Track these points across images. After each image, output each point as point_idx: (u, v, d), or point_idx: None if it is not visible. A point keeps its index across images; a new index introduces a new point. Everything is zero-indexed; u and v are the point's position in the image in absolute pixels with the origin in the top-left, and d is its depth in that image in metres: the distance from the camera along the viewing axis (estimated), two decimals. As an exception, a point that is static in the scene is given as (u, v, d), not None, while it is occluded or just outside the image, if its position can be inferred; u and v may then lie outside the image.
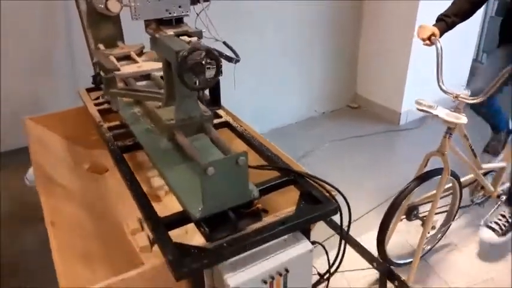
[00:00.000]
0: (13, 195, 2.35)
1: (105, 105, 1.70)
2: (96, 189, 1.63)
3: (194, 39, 1.62)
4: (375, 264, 1.84)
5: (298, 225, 1.02)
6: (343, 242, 1.14)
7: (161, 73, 1.50)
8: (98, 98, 1.84)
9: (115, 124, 1.54)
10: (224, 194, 0.95)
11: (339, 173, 2.75)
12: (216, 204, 0.95)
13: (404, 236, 2.16)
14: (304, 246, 1.02)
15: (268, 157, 1.30)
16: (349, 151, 3.08)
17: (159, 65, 1.50)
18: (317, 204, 1.08)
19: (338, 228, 1.38)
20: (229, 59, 1.65)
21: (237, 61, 1.62)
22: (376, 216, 2.25)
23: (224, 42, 1.75)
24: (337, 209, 1.07)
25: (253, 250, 0.97)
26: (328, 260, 1.17)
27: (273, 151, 1.33)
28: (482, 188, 2.08)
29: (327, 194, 1.12)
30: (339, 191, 1.15)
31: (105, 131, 1.47)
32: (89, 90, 1.89)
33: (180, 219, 1.04)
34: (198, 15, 1.73)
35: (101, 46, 1.74)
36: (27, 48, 2.29)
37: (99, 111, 1.65)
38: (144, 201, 1.07)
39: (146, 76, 1.50)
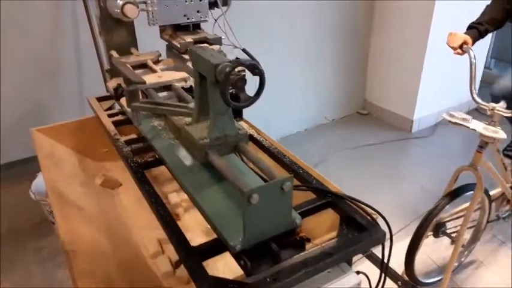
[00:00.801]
0: (17, 209, 2.25)
1: (119, 116, 1.60)
2: (112, 207, 1.53)
3: (216, 47, 1.53)
4: (399, 283, 1.76)
5: (346, 256, 0.93)
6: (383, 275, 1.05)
7: (182, 83, 1.41)
8: (110, 108, 1.74)
9: (132, 138, 1.44)
10: (267, 222, 0.86)
11: (353, 184, 2.66)
12: (258, 234, 0.86)
13: (426, 251, 2.08)
14: (351, 279, 0.93)
15: (300, 175, 1.21)
16: (361, 160, 3.00)
17: (181, 74, 1.41)
18: (361, 231, 0.99)
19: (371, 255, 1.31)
20: (252, 70, 1.56)
21: (256, 69, 1.53)
22: (400, 233, 2.17)
23: (244, 50, 1.66)
24: (385, 237, 0.98)
25: (299, 285, 0.88)
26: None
27: (304, 168, 1.24)
28: (508, 201, 2.00)
29: (370, 219, 1.03)
30: (381, 215, 1.06)
31: (122, 146, 1.37)
32: (99, 99, 1.79)
33: (215, 247, 0.94)
34: (216, 20, 1.64)
35: (114, 53, 1.65)
36: (30, 51, 2.18)
37: (113, 122, 1.55)
38: (173, 228, 0.97)
39: (166, 87, 1.41)
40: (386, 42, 3.31)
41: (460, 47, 1.64)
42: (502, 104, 1.51)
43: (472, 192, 1.62)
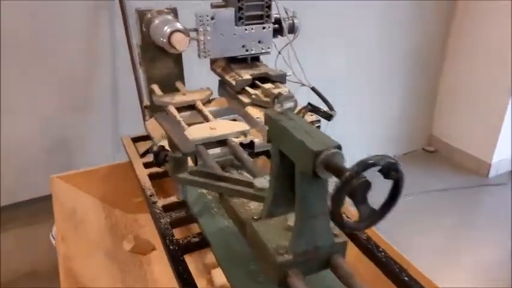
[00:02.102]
0: (37, 249, 1.99)
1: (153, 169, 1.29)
2: (140, 283, 1.22)
3: (285, 89, 1.19)
4: None
5: None
6: None
7: (240, 138, 1.07)
8: (147, 152, 1.44)
9: (172, 202, 1.12)
10: None
11: (424, 240, 2.25)
12: None
13: None
14: None
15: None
16: (430, 208, 2.57)
17: (239, 126, 1.08)
18: None
19: None
20: (326, 116, 1.22)
21: (332, 117, 1.19)
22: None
23: (313, 88, 1.32)
24: None
25: None
26: None
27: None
28: None
29: None
30: None
31: (159, 214, 1.05)
32: (134, 139, 1.49)
33: None
34: (279, 52, 1.30)
35: (156, 88, 1.35)
36: (59, 74, 1.93)
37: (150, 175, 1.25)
38: None
39: (220, 141, 1.09)
40: (462, 70, 2.88)
41: None
42: None
43: None
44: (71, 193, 1.35)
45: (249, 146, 1.07)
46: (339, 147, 0.54)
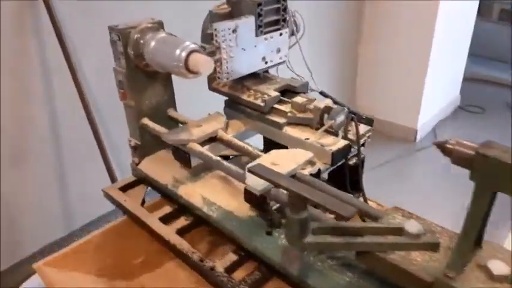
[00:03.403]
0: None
1: (182, 219, 1.06)
2: None
3: (328, 101, 1.05)
4: None
5: None
6: None
7: (308, 169, 0.91)
8: (143, 202, 1.17)
9: (233, 260, 0.91)
10: None
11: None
12: None
13: None
14: None
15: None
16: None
17: (303, 155, 0.91)
18: None
19: None
20: (368, 122, 1.12)
21: (373, 121, 1.13)
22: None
23: (322, 93, 1.21)
24: None
25: None
26: None
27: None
28: None
29: None
30: None
31: (230, 283, 0.84)
32: (123, 188, 1.20)
33: None
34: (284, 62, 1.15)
35: (146, 120, 1.10)
36: None
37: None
38: None
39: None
40: (378, 44, 3.01)
41: None
42: None
43: None
44: (65, 279, 1.03)
45: (316, 175, 0.91)
46: None
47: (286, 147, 1.06)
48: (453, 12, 2.83)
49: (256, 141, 1.12)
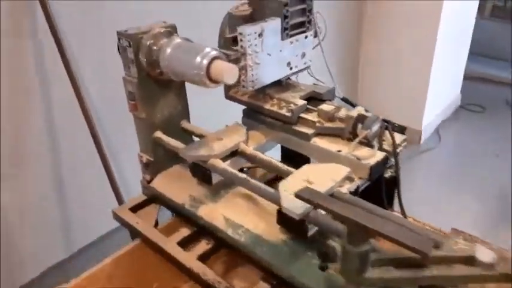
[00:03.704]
0: None
1: (204, 243, 0.96)
2: None
3: (360, 109, 0.96)
4: None
5: None
6: None
7: (346, 186, 0.82)
8: (157, 223, 1.08)
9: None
10: None
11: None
12: None
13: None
14: None
15: None
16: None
17: (339, 170, 0.82)
18: None
19: None
20: (401, 129, 1.05)
21: (405, 129, 1.07)
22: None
23: (344, 99, 1.14)
24: None
25: None
26: None
27: None
28: None
29: None
30: None
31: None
32: (133, 208, 1.10)
33: None
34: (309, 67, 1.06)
35: (160, 134, 1.00)
36: None
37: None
38: None
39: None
40: (381, 39, 2.93)
41: None
42: None
43: None
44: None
45: (354, 193, 0.83)
46: None
47: (308, 159, 0.98)
48: (455, 11, 2.78)
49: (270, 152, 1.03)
